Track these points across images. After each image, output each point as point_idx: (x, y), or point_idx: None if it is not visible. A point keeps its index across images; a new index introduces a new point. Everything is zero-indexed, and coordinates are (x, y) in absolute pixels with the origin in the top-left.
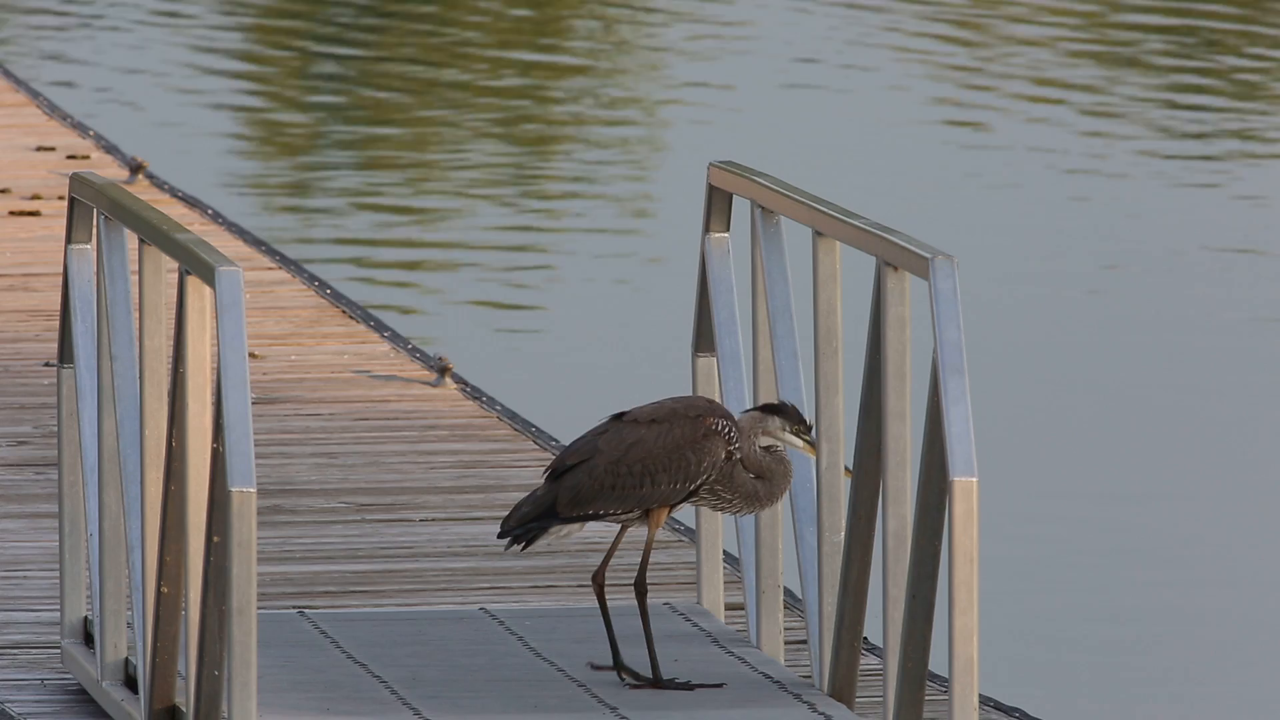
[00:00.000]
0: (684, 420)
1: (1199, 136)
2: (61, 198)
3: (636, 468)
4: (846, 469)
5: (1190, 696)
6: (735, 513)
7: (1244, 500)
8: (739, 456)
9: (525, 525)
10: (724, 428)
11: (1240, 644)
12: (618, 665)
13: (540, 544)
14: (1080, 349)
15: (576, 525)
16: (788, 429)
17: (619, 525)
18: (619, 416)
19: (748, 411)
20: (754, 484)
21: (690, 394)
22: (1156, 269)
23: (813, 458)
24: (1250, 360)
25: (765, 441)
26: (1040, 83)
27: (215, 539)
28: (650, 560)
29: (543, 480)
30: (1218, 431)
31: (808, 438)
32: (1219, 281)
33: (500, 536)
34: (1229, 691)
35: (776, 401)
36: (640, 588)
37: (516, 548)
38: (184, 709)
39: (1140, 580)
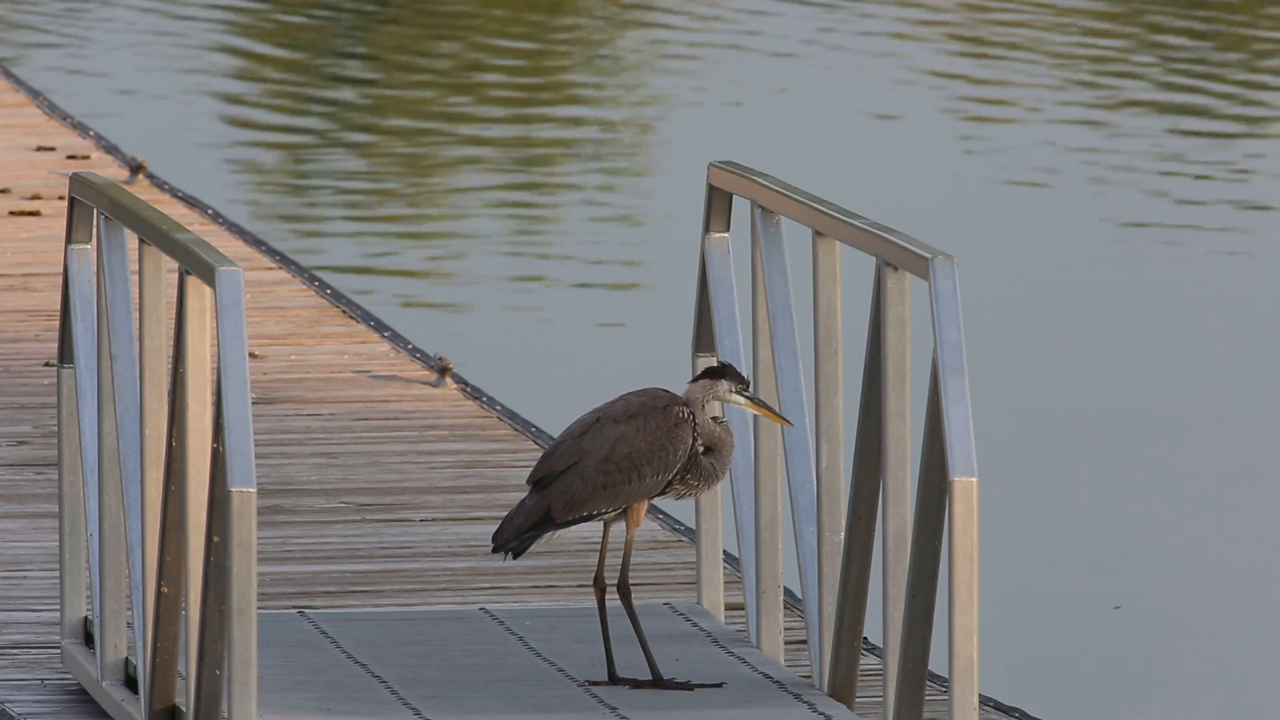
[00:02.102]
0: (656, 412)
1: (1203, 135)
2: (61, 198)
3: (625, 464)
4: (781, 416)
5: (1190, 696)
6: (694, 495)
7: (1244, 500)
8: (702, 441)
9: (522, 536)
10: (688, 415)
11: (1240, 644)
12: (613, 677)
13: (530, 549)
14: (1080, 349)
15: (566, 528)
16: (733, 390)
17: (601, 524)
18: (597, 420)
19: (695, 381)
20: (709, 463)
21: (645, 387)
22: (1157, 268)
23: (757, 413)
24: (1250, 360)
25: (715, 409)
26: (1042, 82)
27: (215, 539)
28: (651, 560)
29: (529, 489)
30: (1218, 431)
31: (749, 394)
32: (1221, 281)
33: (495, 550)
34: (1229, 692)
35: (717, 364)
36: (624, 589)
37: (509, 558)
38: (184, 709)
39: (1140, 580)
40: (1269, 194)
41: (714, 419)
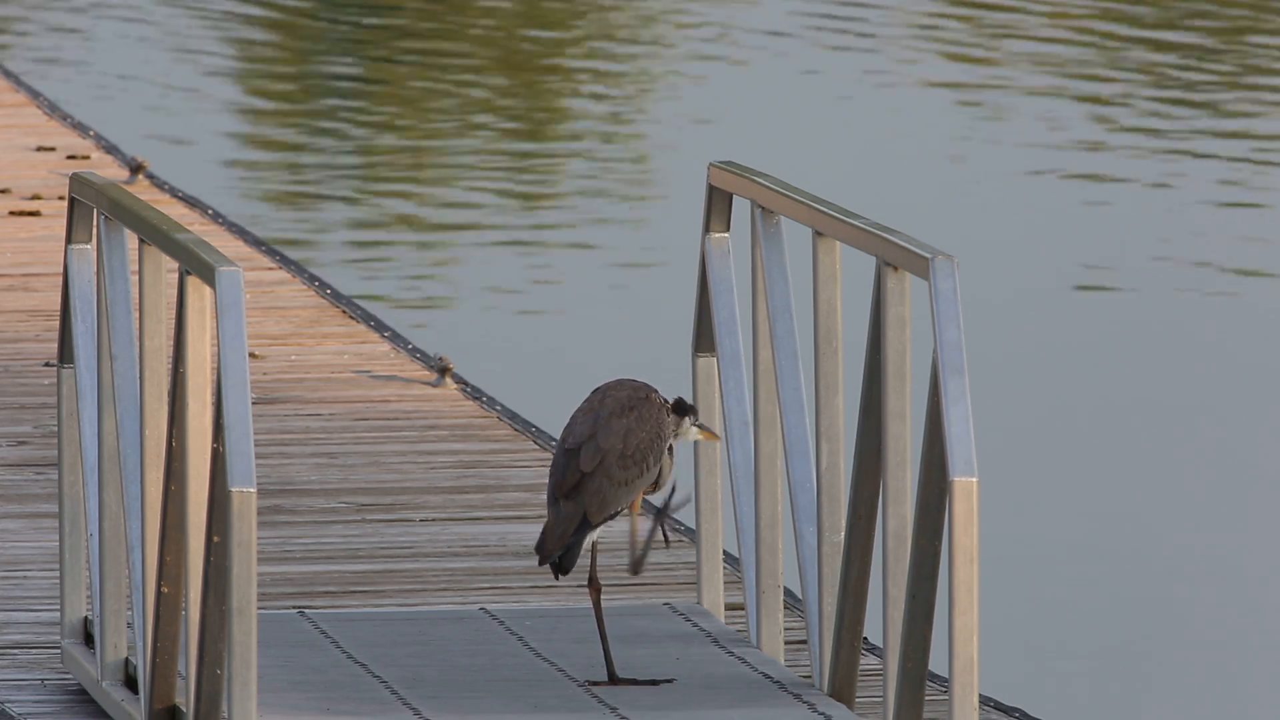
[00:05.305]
0: (646, 403)
1: (1202, 137)
2: (61, 198)
3: (637, 456)
4: (710, 431)
5: (1189, 697)
6: (655, 491)
7: (1243, 500)
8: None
9: (567, 545)
10: (665, 402)
11: (1239, 644)
12: (613, 677)
13: (576, 558)
14: (1080, 349)
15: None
16: (693, 424)
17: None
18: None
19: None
20: (667, 457)
21: (619, 379)
22: (1158, 269)
23: (702, 439)
24: (1250, 361)
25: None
26: (1044, 81)
27: (215, 539)
28: (651, 560)
29: (559, 499)
30: (1218, 432)
31: (699, 424)
32: (1221, 282)
33: (543, 562)
34: (1228, 692)
35: (677, 401)
36: (636, 571)
37: (559, 576)
38: (184, 709)
39: (1140, 580)
40: (1273, 191)
41: None
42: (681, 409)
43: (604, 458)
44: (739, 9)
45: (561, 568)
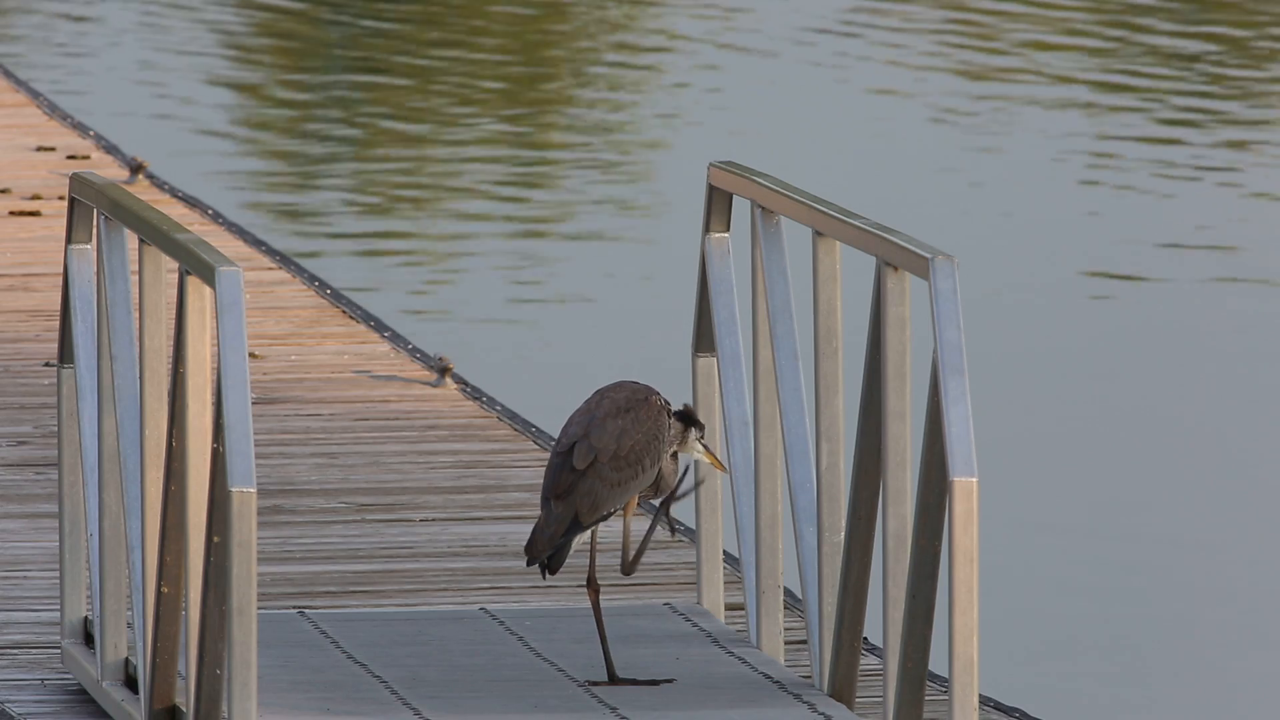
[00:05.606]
0: (644, 405)
1: (1205, 141)
2: (61, 198)
3: (631, 457)
4: (715, 458)
5: (1190, 697)
6: (654, 496)
7: (1243, 501)
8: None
9: (556, 545)
10: (666, 402)
11: (1241, 645)
12: (613, 677)
13: (565, 559)
14: (1081, 350)
15: (589, 531)
16: (698, 439)
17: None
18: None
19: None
20: (670, 461)
21: (619, 381)
22: (1158, 271)
23: (704, 459)
24: (1250, 363)
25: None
26: (1045, 82)
27: (215, 539)
28: (651, 560)
29: (551, 500)
30: (1218, 433)
31: (704, 443)
32: (1221, 284)
33: (531, 563)
34: (1228, 692)
35: (685, 410)
36: (629, 572)
37: (547, 575)
38: (184, 709)
39: (1141, 580)
40: (1272, 190)
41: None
42: (687, 419)
43: (596, 457)
44: (743, 9)
45: (550, 568)
